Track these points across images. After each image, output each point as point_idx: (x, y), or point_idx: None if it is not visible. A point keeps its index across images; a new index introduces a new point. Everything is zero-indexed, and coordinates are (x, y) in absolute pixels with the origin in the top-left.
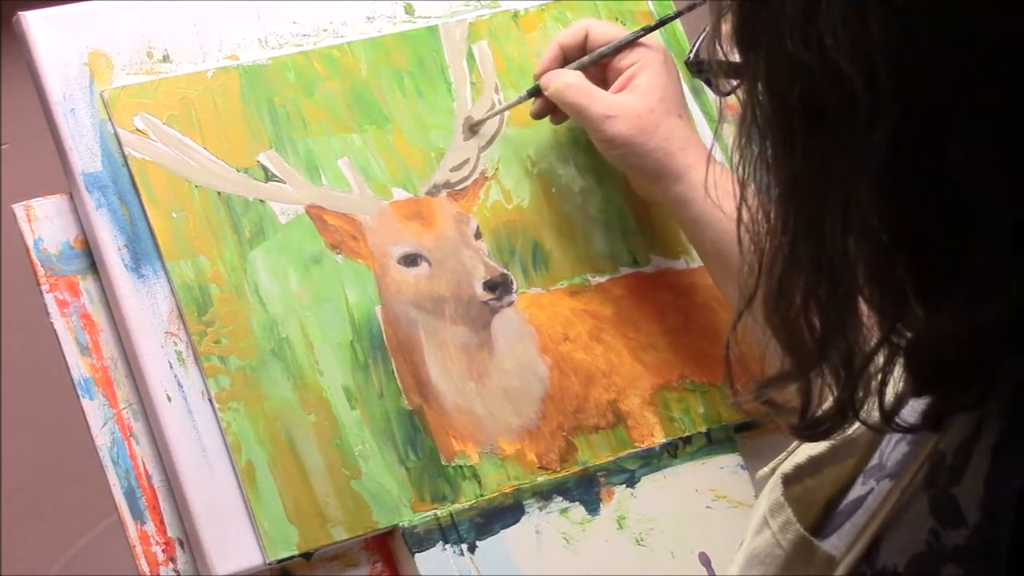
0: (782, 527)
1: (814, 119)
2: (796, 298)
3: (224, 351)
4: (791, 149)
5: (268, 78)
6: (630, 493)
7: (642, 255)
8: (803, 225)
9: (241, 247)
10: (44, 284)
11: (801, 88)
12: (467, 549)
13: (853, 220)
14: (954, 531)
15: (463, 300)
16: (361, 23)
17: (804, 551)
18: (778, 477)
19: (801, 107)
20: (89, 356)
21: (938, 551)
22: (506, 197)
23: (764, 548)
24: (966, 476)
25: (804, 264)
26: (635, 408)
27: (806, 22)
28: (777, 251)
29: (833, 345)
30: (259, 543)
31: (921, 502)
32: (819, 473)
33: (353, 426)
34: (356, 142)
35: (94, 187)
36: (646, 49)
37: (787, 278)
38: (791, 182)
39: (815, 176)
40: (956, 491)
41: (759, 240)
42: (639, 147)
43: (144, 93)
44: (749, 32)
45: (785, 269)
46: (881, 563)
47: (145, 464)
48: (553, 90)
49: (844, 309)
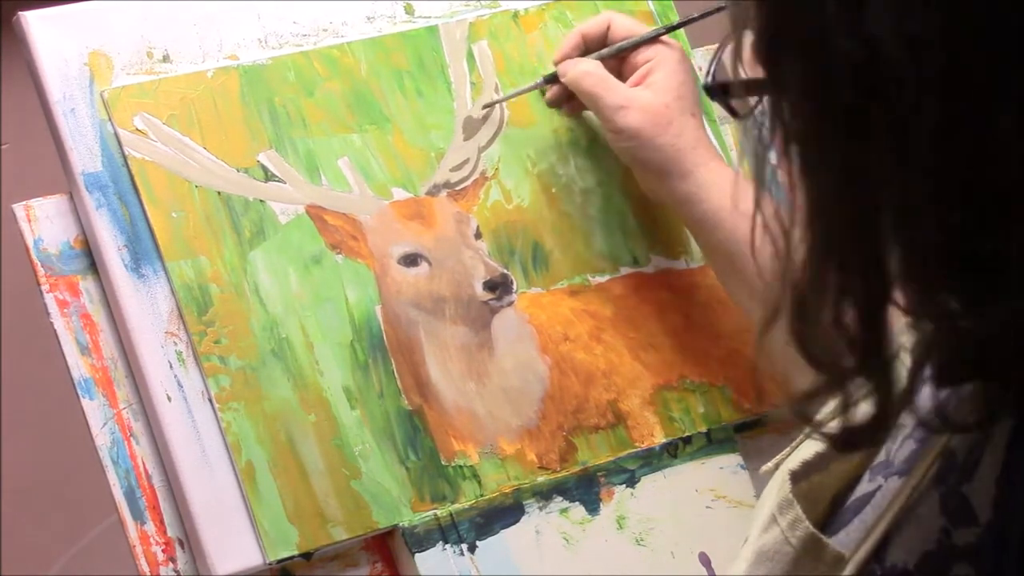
0: (791, 524)
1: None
2: (829, 307)
3: (224, 351)
4: (830, 155)
5: (268, 78)
6: (630, 493)
7: (642, 255)
8: (840, 230)
9: (241, 247)
10: (44, 284)
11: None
12: (467, 549)
13: (897, 218)
14: (965, 529)
15: (463, 300)
16: (361, 23)
17: (813, 549)
18: (786, 474)
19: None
20: (89, 356)
21: (949, 549)
22: (506, 197)
23: (773, 545)
24: (977, 474)
25: (841, 270)
26: (635, 408)
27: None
28: (808, 260)
29: (872, 351)
30: (259, 543)
31: (931, 500)
32: (826, 468)
33: (353, 426)
34: (356, 142)
35: (94, 187)
36: (664, 47)
37: (820, 286)
38: (830, 188)
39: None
40: (967, 489)
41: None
42: (649, 141)
43: (144, 93)
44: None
45: (818, 277)
46: (891, 561)
47: (145, 464)
48: (571, 77)
49: (879, 313)
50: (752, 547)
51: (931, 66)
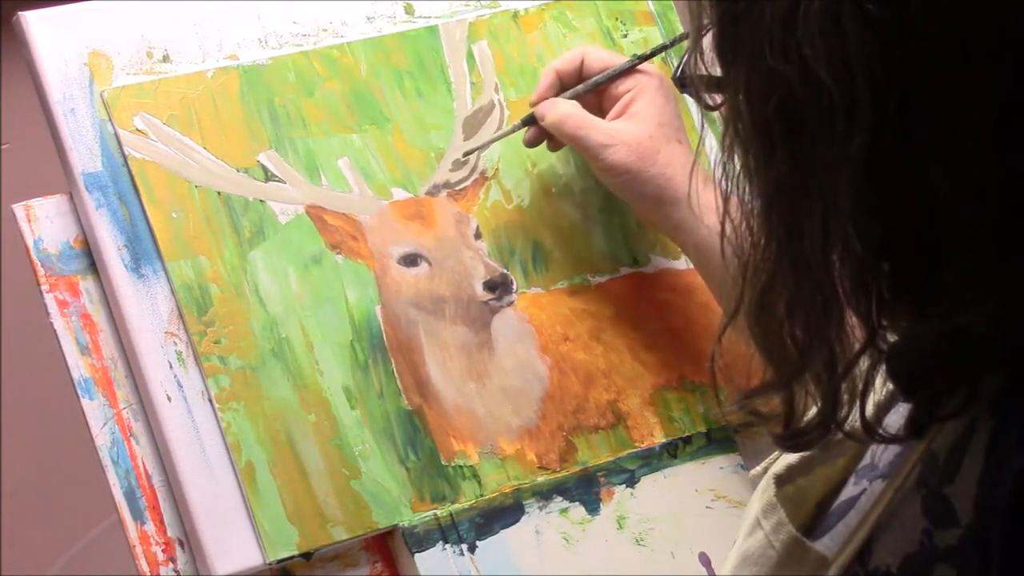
0: (775, 528)
1: (793, 130)
2: (779, 308)
3: (224, 351)
4: (771, 160)
5: (268, 78)
6: (630, 493)
7: (642, 255)
8: (784, 235)
9: (241, 247)
10: (44, 284)
11: (781, 99)
12: (467, 549)
13: (833, 229)
14: (947, 531)
15: (463, 300)
16: (361, 23)
17: (796, 552)
18: (770, 477)
19: (781, 118)
20: (89, 356)
21: (931, 551)
22: (506, 197)
23: (757, 549)
24: (959, 476)
25: (786, 274)
26: (635, 408)
27: (784, 33)
28: (760, 262)
29: (815, 354)
30: (259, 543)
31: (914, 502)
32: (810, 472)
33: (353, 426)
34: (356, 142)
35: (94, 187)
36: (643, 75)
37: (770, 288)
38: (772, 193)
39: (795, 186)
40: (949, 491)
41: (742, 252)
42: (639, 174)
43: (144, 93)
44: (728, 45)
45: (768, 279)
46: (874, 564)
47: (145, 464)
48: (550, 121)
49: (825, 318)
50: (737, 550)
51: (861, 97)
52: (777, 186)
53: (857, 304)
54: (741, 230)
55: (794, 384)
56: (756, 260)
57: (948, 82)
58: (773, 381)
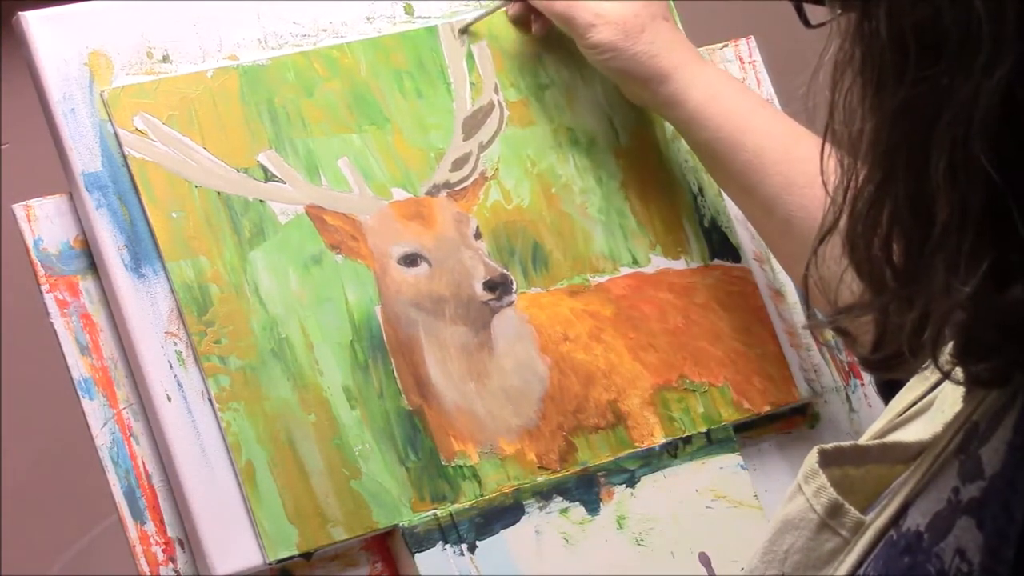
0: (816, 492)
1: (931, 52)
2: (882, 229)
3: (224, 351)
4: (901, 80)
5: (268, 78)
6: (630, 493)
7: (642, 255)
8: (903, 158)
9: (241, 247)
10: (44, 284)
11: (924, 16)
12: (467, 549)
13: (958, 158)
14: (972, 484)
15: (463, 300)
16: (361, 23)
17: (836, 514)
18: (816, 450)
19: (920, 38)
20: (89, 356)
21: (955, 505)
22: (506, 197)
23: (797, 513)
24: (994, 437)
25: (898, 197)
26: (635, 408)
27: None
28: (869, 181)
29: (914, 281)
30: (259, 543)
31: (951, 467)
32: (862, 466)
33: (353, 426)
34: (356, 142)
35: (94, 187)
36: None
37: (876, 209)
38: (897, 113)
39: (924, 110)
40: (983, 451)
41: (846, 169)
42: (624, 51)
43: (144, 93)
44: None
45: (876, 199)
46: (906, 526)
47: (145, 464)
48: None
49: (930, 247)
50: (777, 518)
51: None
52: (904, 107)
53: (964, 239)
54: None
55: (889, 307)
56: (864, 178)
57: None
58: (868, 301)
